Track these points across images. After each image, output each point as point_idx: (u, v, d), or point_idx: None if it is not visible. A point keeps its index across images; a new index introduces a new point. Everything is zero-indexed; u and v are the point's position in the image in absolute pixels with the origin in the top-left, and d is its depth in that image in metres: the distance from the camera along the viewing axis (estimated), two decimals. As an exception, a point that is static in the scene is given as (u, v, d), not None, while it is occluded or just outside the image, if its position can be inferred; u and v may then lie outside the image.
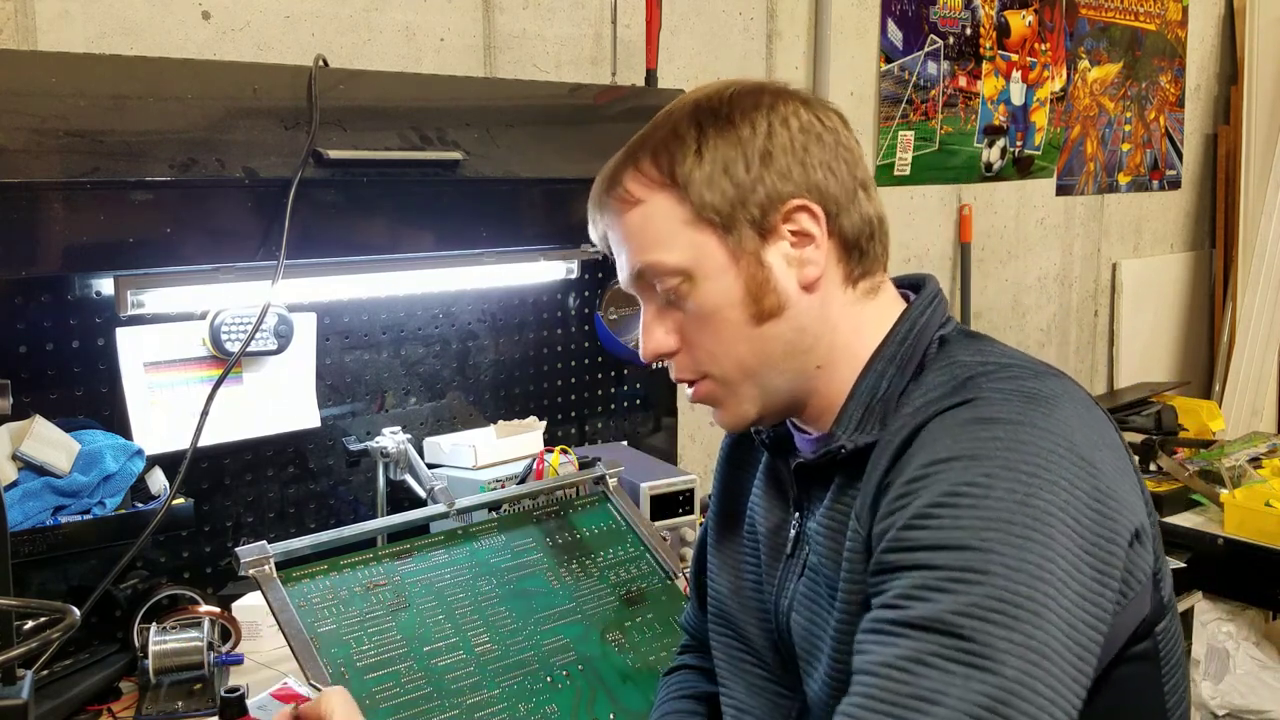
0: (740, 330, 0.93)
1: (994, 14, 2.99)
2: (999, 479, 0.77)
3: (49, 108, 1.33)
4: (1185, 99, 3.76)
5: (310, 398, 1.67)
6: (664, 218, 0.93)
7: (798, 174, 0.92)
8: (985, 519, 0.76)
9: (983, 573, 0.74)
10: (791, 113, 0.93)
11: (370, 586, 1.34)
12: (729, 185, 0.91)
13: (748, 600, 1.06)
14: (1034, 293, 3.29)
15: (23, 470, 1.36)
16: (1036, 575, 0.74)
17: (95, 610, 1.41)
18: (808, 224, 0.92)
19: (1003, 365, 0.89)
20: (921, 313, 0.96)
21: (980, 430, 0.81)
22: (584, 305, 2.02)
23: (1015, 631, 0.72)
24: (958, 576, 0.74)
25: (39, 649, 0.83)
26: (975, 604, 0.73)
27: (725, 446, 1.17)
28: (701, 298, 0.93)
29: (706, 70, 2.30)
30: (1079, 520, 0.77)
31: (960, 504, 0.77)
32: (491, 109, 1.75)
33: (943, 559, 0.76)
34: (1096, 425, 0.85)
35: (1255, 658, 2.29)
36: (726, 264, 0.92)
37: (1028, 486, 0.77)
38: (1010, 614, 0.73)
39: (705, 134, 0.92)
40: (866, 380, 0.93)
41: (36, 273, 1.36)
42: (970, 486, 0.77)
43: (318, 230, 1.52)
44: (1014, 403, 0.82)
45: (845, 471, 0.92)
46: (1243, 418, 3.57)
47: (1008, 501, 0.76)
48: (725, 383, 0.96)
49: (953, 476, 0.79)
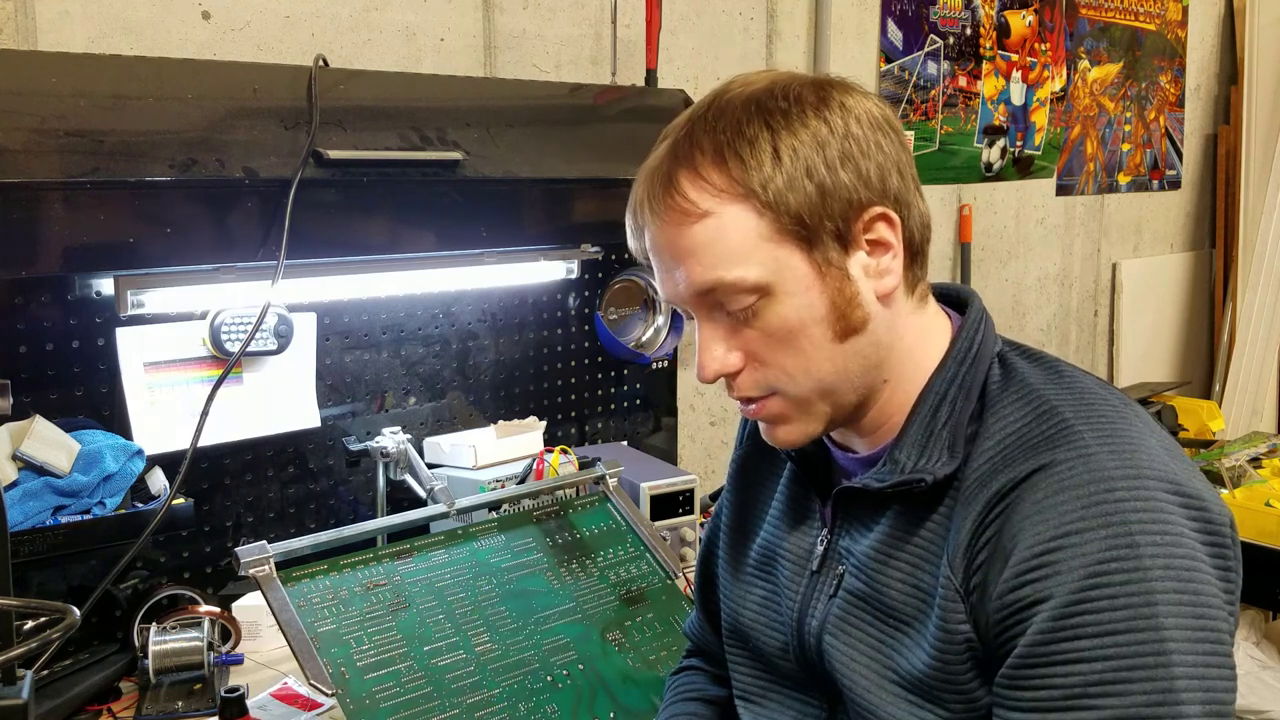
0: (823, 348, 0.87)
1: (994, 14, 2.99)
2: (1142, 546, 0.77)
3: (49, 108, 1.33)
4: (1185, 99, 3.76)
5: (310, 398, 1.67)
6: (740, 231, 0.85)
7: (875, 177, 0.86)
8: (1144, 593, 0.76)
9: (1161, 655, 0.75)
10: (862, 109, 0.87)
11: (370, 586, 1.34)
12: (813, 191, 0.84)
13: (762, 615, 1.03)
14: (1034, 293, 3.29)
15: (23, 470, 1.36)
16: (1201, 636, 0.76)
17: (95, 610, 1.42)
18: (885, 232, 0.87)
19: (1077, 395, 0.87)
20: (977, 330, 0.92)
21: (1103, 492, 0.79)
22: (584, 305, 2.02)
23: (1208, 698, 0.76)
24: (1136, 663, 0.75)
25: (39, 649, 0.83)
26: (1169, 688, 0.75)
27: (736, 461, 1.12)
28: (782, 315, 0.86)
29: (706, 70, 2.30)
30: (1210, 548, 0.80)
31: (1113, 581, 0.76)
32: (491, 109, 1.75)
33: (1114, 647, 0.76)
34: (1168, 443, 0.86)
35: (1255, 658, 2.29)
36: (811, 279, 0.86)
37: (1168, 544, 0.77)
38: (1206, 679, 0.76)
39: (778, 135, 0.85)
40: (927, 402, 0.89)
41: (36, 273, 1.36)
42: (1117, 560, 0.77)
43: (318, 230, 1.52)
44: (1118, 450, 0.81)
45: (911, 498, 0.89)
46: (1243, 418, 3.58)
47: (1157, 568, 0.76)
48: (798, 401, 0.90)
49: (1098, 550, 0.77)
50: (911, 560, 0.88)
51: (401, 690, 1.23)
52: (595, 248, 1.86)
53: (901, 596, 0.88)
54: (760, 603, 1.03)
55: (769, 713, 1.03)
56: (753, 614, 1.04)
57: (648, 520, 1.69)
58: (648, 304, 2.13)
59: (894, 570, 0.89)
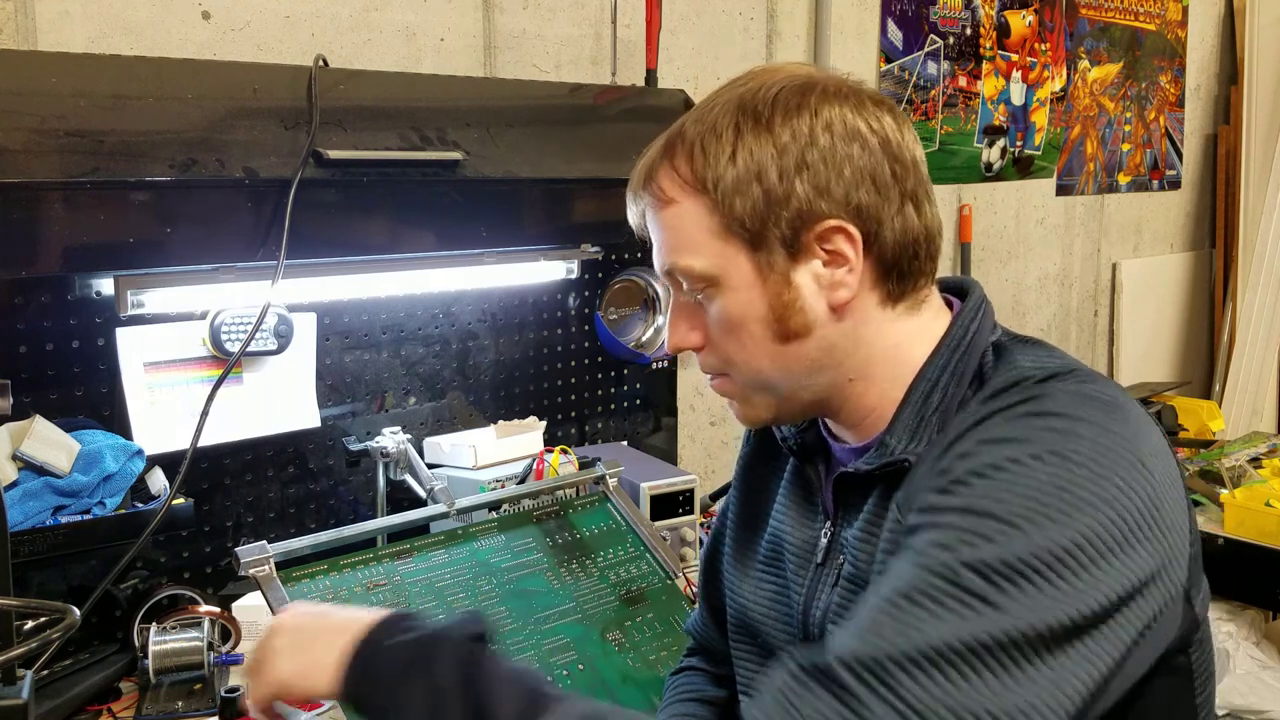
0: (763, 345, 0.90)
1: (994, 14, 2.99)
2: (1046, 461, 0.75)
3: (49, 108, 1.33)
4: (1185, 99, 3.76)
5: (310, 398, 1.67)
6: (694, 223, 0.89)
7: (836, 188, 0.86)
8: (1019, 494, 0.74)
9: (993, 540, 0.73)
10: (837, 117, 0.87)
11: (370, 586, 1.34)
12: (759, 196, 0.86)
13: (770, 610, 1.03)
14: (1034, 293, 3.29)
15: (23, 470, 1.36)
16: (1056, 555, 0.72)
17: (95, 610, 1.42)
18: (843, 245, 0.87)
19: (1067, 370, 0.86)
20: (972, 319, 0.93)
21: (1037, 420, 0.79)
22: (584, 305, 2.02)
23: (1011, 596, 0.71)
24: (970, 540, 0.73)
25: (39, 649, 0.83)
26: (982, 560, 0.72)
27: (743, 458, 1.13)
28: (725, 308, 0.90)
29: (706, 70, 2.30)
30: (1122, 520, 0.75)
31: (997, 476, 0.75)
32: (491, 109, 1.75)
33: (961, 520, 0.74)
34: (1156, 435, 0.83)
35: (1255, 658, 2.29)
36: (753, 279, 0.88)
37: (1073, 474, 0.75)
38: (1015, 581, 0.71)
39: (742, 136, 0.87)
40: (919, 390, 0.90)
41: (36, 273, 1.36)
42: (1013, 463, 0.76)
43: (318, 230, 1.52)
44: (1077, 401, 0.80)
45: (889, 479, 0.90)
46: (1243, 418, 3.57)
47: (1047, 485, 0.74)
48: (743, 385, 0.94)
49: (997, 453, 0.77)
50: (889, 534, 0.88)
51: (401, 690, 1.23)
52: (595, 248, 1.86)
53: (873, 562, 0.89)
54: (771, 597, 1.03)
55: None
56: (763, 609, 1.04)
57: (648, 520, 1.69)
58: (648, 304, 2.13)
59: (874, 547, 0.90)
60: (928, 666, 0.69)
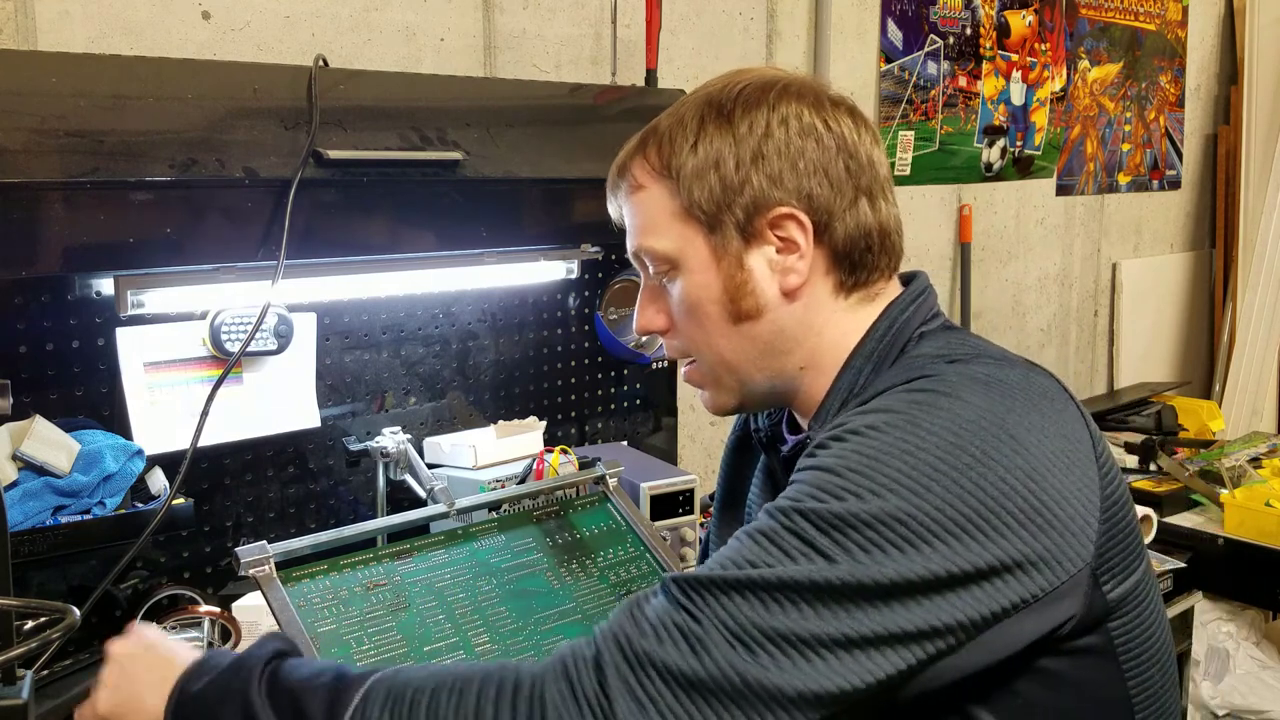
0: (718, 326, 0.96)
1: (994, 14, 2.99)
2: (897, 428, 0.79)
3: (49, 108, 1.33)
4: (1185, 99, 3.76)
5: (310, 398, 1.67)
6: (659, 207, 0.96)
7: (789, 179, 0.92)
8: (862, 455, 0.78)
9: (834, 496, 0.77)
10: (794, 113, 0.93)
11: (370, 586, 1.34)
12: (716, 182, 0.93)
13: None
14: (1034, 293, 3.29)
15: (23, 470, 1.36)
16: (892, 516, 0.76)
17: (95, 610, 1.41)
18: (794, 232, 0.93)
19: (970, 356, 0.88)
20: (903, 311, 0.96)
21: (906, 395, 0.83)
22: (584, 305, 2.02)
23: (840, 547, 0.75)
24: (813, 494, 0.78)
25: (39, 649, 0.83)
26: (816, 512, 0.77)
27: (730, 445, 1.19)
28: (685, 288, 0.96)
29: (706, 70, 2.30)
30: (978, 488, 0.77)
31: (848, 439, 0.80)
32: (491, 109, 1.75)
33: (810, 477, 0.79)
34: (1050, 413, 0.84)
35: (1255, 658, 2.29)
36: (708, 261, 0.95)
37: (922, 441, 0.78)
38: (846, 534, 0.75)
39: (705, 128, 0.94)
40: (845, 377, 0.94)
41: (36, 273, 1.36)
42: (867, 428, 0.80)
43: (318, 230, 1.52)
44: (957, 381, 0.83)
45: None
46: (1243, 418, 3.57)
47: (892, 447, 0.78)
48: (707, 370, 1.00)
49: (857, 421, 0.81)
50: None
51: (401, 690, 1.23)
52: (595, 248, 1.86)
53: None
54: None
55: None
56: None
57: (648, 520, 1.69)
58: (648, 304, 2.12)
59: None
60: (746, 593, 0.76)
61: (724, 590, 0.77)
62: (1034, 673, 0.83)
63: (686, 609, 0.78)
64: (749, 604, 0.76)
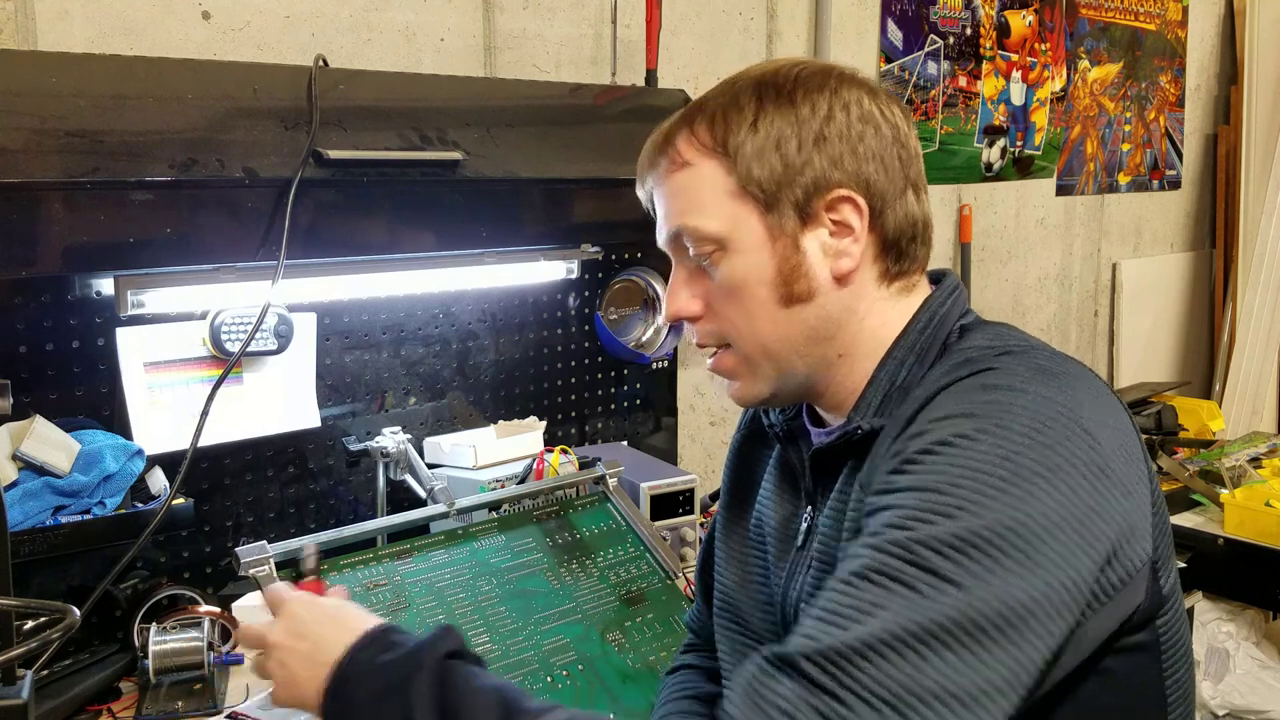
0: (765, 309, 0.93)
1: (994, 14, 2.99)
2: (989, 434, 0.77)
3: (49, 108, 1.33)
4: (1185, 99, 3.76)
5: (310, 398, 1.67)
6: (709, 184, 0.93)
7: (849, 163, 0.91)
8: (964, 468, 0.76)
9: (946, 516, 0.74)
10: (854, 99, 0.92)
11: (370, 586, 1.34)
12: (778, 162, 0.91)
13: (754, 593, 1.06)
14: (1034, 293, 3.29)
15: (23, 470, 1.36)
16: (1009, 527, 0.73)
17: (95, 610, 1.42)
18: (850, 216, 0.92)
19: (1024, 348, 0.89)
20: (942, 303, 0.96)
21: (981, 394, 0.81)
22: (584, 305, 2.02)
23: (968, 571, 0.72)
24: (923, 517, 0.74)
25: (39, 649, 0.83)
26: (934, 536, 0.73)
27: (736, 441, 1.17)
28: (732, 269, 0.93)
29: (706, 70, 2.30)
30: (1070, 486, 0.76)
31: (943, 452, 0.77)
32: (491, 109, 1.75)
33: (913, 499, 0.76)
34: (1109, 407, 0.85)
35: (1255, 658, 2.29)
36: (763, 241, 0.92)
37: (1016, 445, 0.76)
38: (971, 555, 0.72)
39: (764, 107, 0.92)
40: (886, 368, 0.94)
41: (36, 273, 1.36)
42: (958, 438, 0.78)
43: (318, 230, 1.52)
44: (1023, 373, 0.83)
45: (856, 457, 0.92)
46: (1243, 418, 3.57)
47: (991, 455, 0.76)
48: (745, 357, 0.96)
49: (944, 429, 0.79)
50: (853, 514, 0.90)
51: (401, 690, 1.23)
52: (595, 248, 1.86)
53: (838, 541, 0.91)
54: (752, 579, 1.06)
55: None
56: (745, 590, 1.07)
57: (648, 520, 1.69)
58: (648, 304, 2.13)
59: (841, 529, 0.92)
60: (887, 651, 0.70)
61: (861, 656, 0.70)
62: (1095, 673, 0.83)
63: (826, 689, 0.70)
64: (893, 665, 0.69)
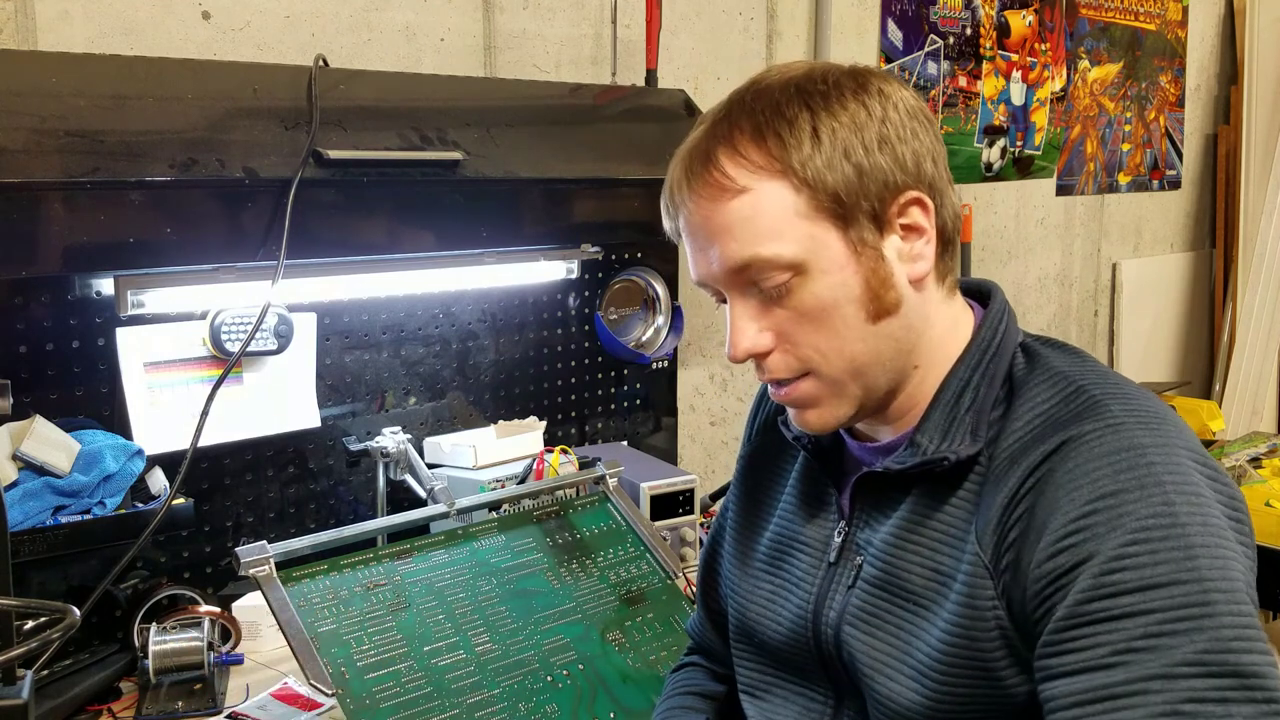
0: (855, 328, 0.88)
1: (994, 14, 2.99)
2: (1178, 506, 0.77)
3: (49, 108, 1.33)
4: (1185, 99, 3.76)
5: (310, 398, 1.67)
6: (777, 208, 0.86)
7: (911, 162, 0.88)
8: (1184, 548, 0.76)
9: (1206, 605, 0.74)
10: (899, 97, 0.89)
11: (370, 586, 1.34)
12: (851, 171, 0.85)
13: (770, 610, 1.03)
14: (1034, 293, 3.29)
15: (23, 470, 1.36)
16: (1244, 591, 0.76)
17: (95, 610, 1.42)
18: (919, 217, 0.88)
19: (1103, 375, 0.88)
20: (1000, 320, 0.93)
21: (1135, 458, 0.79)
22: (584, 305, 2.02)
23: (1259, 652, 0.74)
24: (1183, 614, 0.74)
25: (39, 649, 0.83)
26: (1217, 637, 0.74)
27: (744, 458, 1.13)
28: (814, 293, 0.87)
29: (706, 70, 2.30)
30: (1234, 524, 0.80)
31: (1153, 538, 0.76)
32: (491, 109, 1.75)
33: (1160, 600, 0.75)
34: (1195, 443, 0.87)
35: (1255, 658, 2.29)
36: (846, 258, 0.86)
37: (1201, 508, 0.78)
38: (1251, 636, 0.74)
39: (817, 116, 0.86)
40: (950, 388, 0.90)
41: (36, 273, 1.36)
42: (1155, 519, 0.77)
43: (318, 230, 1.52)
44: (1147, 423, 0.82)
45: (931, 482, 0.89)
46: (1243, 418, 3.58)
47: (1194, 526, 0.76)
48: (831, 382, 0.90)
49: (1137, 511, 0.77)
50: (930, 543, 0.88)
51: (402, 690, 1.23)
52: (595, 248, 1.86)
53: (921, 579, 0.88)
54: (768, 596, 1.03)
55: (774, 706, 1.03)
56: (760, 608, 1.04)
57: (648, 520, 1.69)
58: (648, 304, 2.13)
59: (913, 553, 0.89)
60: None
61: None
62: None
63: None
64: None
